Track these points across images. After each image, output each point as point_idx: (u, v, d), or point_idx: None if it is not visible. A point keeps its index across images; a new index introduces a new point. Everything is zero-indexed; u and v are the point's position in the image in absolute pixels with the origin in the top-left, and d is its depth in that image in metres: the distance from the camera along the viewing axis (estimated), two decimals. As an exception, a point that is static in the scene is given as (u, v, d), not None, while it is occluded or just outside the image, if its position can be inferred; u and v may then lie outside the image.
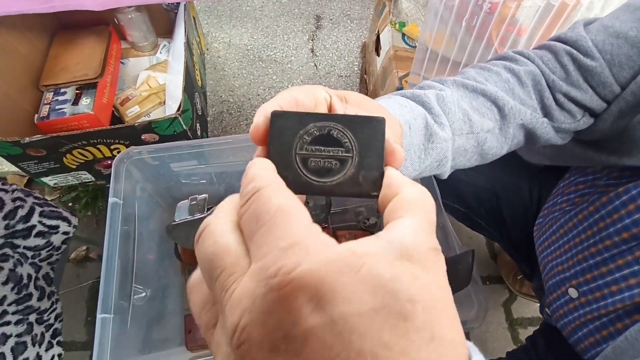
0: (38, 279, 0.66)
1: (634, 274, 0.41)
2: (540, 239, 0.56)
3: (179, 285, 0.84)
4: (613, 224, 0.43)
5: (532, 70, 0.43)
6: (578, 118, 0.44)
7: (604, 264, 0.44)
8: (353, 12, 1.52)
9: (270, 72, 1.37)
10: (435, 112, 0.37)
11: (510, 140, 0.43)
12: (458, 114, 0.39)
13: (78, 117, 0.93)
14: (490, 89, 0.41)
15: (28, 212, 0.66)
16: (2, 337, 0.59)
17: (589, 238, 0.46)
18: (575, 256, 0.48)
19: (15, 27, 0.94)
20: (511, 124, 0.42)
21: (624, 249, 0.42)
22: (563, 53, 0.43)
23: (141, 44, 1.15)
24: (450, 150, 0.39)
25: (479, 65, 0.45)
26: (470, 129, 0.39)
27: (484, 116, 0.40)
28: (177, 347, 0.76)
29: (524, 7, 0.69)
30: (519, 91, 0.42)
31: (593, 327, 0.45)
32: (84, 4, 0.76)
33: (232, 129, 1.27)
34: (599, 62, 0.41)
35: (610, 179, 0.47)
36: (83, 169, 0.99)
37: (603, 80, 0.41)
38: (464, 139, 0.39)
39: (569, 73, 0.42)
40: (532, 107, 0.43)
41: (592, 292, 0.45)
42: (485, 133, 0.40)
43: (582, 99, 0.42)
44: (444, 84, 0.41)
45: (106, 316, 0.57)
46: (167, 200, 0.84)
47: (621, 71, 0.40)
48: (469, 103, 0.40)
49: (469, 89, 0.41)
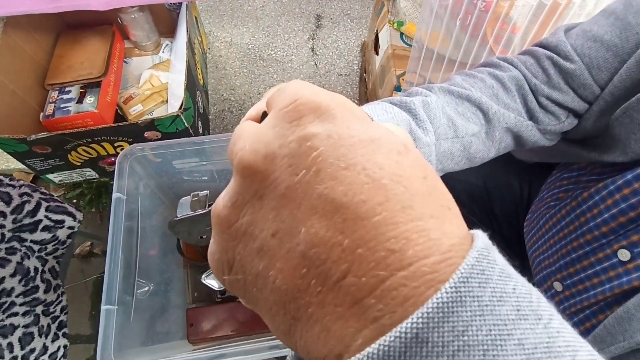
0: (44, 272, 0.68)
1: (613, 266, 0.42)
2: (529, 235, 0.58)
3: (181, 280, 0.86)
4: (593, 218, 0.44)
5: (515, 76, 0.45)
6: (562, 119, 0.46)
7: (585, 258, 0.45)
8: (353, 11, 1.53)
9: (271, 71, 1.39)
10: (420, 118, 0.39)
11: (497, 143, 0.45)
12: (443, 119, 0.41)
13: (82, 115, 0.95)
14: (475, 94, 0.43)
15: (35, 207, 0.68)
16: (10, 327, 0.61)
17: (571, 233, 0.47)
18: (559, 250, 0.49)
19: (21, 27, 0.96)
20: (497, 128, 0.44)
21: (603, 243, 0.43)
22: (544, 58, 0.45)
23: (144, 43, 1.17)
24: (433, 154, 0.40)
25: (465, 72, 0.47)
26: (455, 133, 0.41)
27: (469, 120, 0.42)
28: (179, 339, 0.78)
29: (517, 5, 0.71)
30: (503, 96, 0.44)
31: (577, 319, 0.46)
32: (89, 4, 0.78)
33: (233, 127, 1.28)
34: (578, 65, 0.43)
35: (592, 175, 0.49)
36: (87, 166, 1.01)
37: (583, 82, 0.43)
38: (450, 143, 0.41)
39: (550, 77, 0.44)
40: (516, 110, 0.45)
41: (575, 285, 0.46)
42: (471, 137, 0.42)
43: (564, 100, 0.44)
44: (431, 90, 0.43)
45: (110, 307, 0.59)
46: (170, 196, 0.86)
47: (600, 73, 0.42)
48: (455, 108, 0.42)
49: (455, 95, 0.43)
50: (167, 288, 0.81)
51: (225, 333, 0.77)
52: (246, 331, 0.77)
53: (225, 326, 0.78)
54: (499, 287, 0.12)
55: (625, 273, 0.41)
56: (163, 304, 0.78)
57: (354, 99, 1.35)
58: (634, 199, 0.40)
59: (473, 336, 0.11)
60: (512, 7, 0.70)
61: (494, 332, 0.11)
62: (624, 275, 0.41)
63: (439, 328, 0.11)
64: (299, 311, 0.14)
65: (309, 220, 0.14)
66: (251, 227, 0.15)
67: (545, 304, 0.12)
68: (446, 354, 0.11)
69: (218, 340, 0.78)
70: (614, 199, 0.42)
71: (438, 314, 0.11)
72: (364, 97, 1.30)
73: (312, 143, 0.14)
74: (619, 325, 0.38)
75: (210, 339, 0.77)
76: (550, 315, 0.12)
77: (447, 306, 0.11)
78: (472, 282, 0.12)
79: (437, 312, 0.11)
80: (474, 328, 0.11)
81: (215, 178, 0.85)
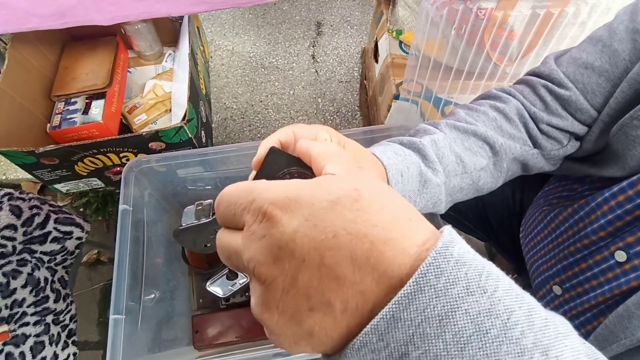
0: (54, 282, 0.70)
1: (611, 267, 0.43)
2: (525, 240, 0.59)
3: (186, 287, 0.87)
4: (591, 223, 0.45)
5: (515, 106, 0.47)
6: (565, 144, 0.48)
7: (583, 261, 0.47)
8: (353, 17, 1.55)
9: (272, 78, 1.41)
10: (430, 159, 0.41)
11: (504, 173, 0.47)
12: (451, 157, 0.43)
13: (88, 125, 0.97)
14: (480, 129, 0.45)
15: (44, 219, 0.70)
16: (22, 337, 0.63)
17: (569, 238, 0.49)
18: (557, 255, 0.51)
19: (29, 41, 0.98)
20: (504, 159, 0.46)
21: (601, 245, 0.45)
22: (539, 86, 0.47)
23: (147, 53, 1.19)
24: (443, 193, 0.43)
25: (467, 106, 0.49)
26: (464, 169, 0.44)
27: (477, 155, 0.44)
28: (185, 346, 0.79)
29: (512, 15, 0.72)
30: (507, 127, 0.46)
31: (578, 322, 0.47)
32: (94, 20, 0.80)
33: (235, 134, 1.30)
34: (572, 91, 0.45)
35: (589, 183, 0.50)
36: (94, 176, 1.03)
37: (579, 107, 0.45)
38: (459, 179, 0.44)
39: (547, 104, 0.46)
40: (521, 140, 0.47)
41: (575, 288, 0.48)
42: (479, 171, 0.45)
43: (563, 125, 0.46)
44: (437, 127, 0.45)
45: (118, 317, 0.61)
46: (174, 205, 0.88)
47: (594, 97, 0.44)
48: (462, 144, 0.44)
49: (461, 130, 0.45)
50: (172, 295, 0.82)
51: (230, 339, 0.79)
52: (251, 337, 0.79)
53: (230, 332, 0.79)
54: (452, 275, 0.17)
55: (623, 274, 0.42)
56: (169, 311, 0.80)
57: (355, 106, 1.37)
58: (628, 205, 0.41)
59: (430, 312, 0.16)
60: (509, 18, 0.72)
61: (447, 307, 0.16)
62: (622, 276, 0.42)
63: (407, 309, 0.17)
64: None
65: (328, 286, 0.18)
66: (287, 310, 0.19)
67: (492, 279, 0.17)
68: (414, 325, 0.16)
69: (223, 347, 0.79)
70: (610, 205, 0.43)
71: (405, 300, 0.17)
72: (364, 103, 1.31)
73: (296, 241, 0.18)
74: (620, 324, 0.39)
75: (216, 345, 0.79)
76: (495, 288, 0.17)
77: (411, 294, 0.17)
78: (429, 275, 0.17)
79: (404, 299, 0.17)
80: (431, 306, 0.16)
81: (219, 187, 0.87)
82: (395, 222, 0.18)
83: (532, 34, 0.75)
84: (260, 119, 1.33)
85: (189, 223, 0.74)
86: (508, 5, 0.72)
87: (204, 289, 0.80)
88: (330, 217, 0.18)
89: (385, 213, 0.19)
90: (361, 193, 0.19)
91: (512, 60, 0.83)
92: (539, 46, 0.79)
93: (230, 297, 0.82)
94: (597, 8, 0.71)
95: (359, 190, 0.19)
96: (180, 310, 0.83)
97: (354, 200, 0.19)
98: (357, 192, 0.19)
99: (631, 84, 0.41)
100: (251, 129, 1.31)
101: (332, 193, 0.19)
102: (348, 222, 0.18)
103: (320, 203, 0.19)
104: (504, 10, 0.71)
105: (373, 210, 0.19)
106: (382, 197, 0.19)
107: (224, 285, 0.79)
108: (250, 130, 1.31)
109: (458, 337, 0.16)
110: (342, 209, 0.18)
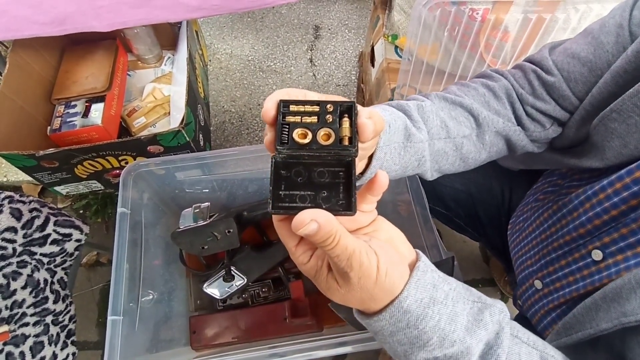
0: (53, 283, 0.71)
1: (587, 265, 0.45)
2: (512, 237, 0.61)
3: (184, 288, 0.89)
4: (572, 221, 0.47)
5: (505, 85, 0.50)
6: (547, 127, 0.51)
7: (563, 257, 0.49)
8: (351, 21, 1.56)
9: (270, 82, 1.42)
10: (414, 119, 0.45)
11: (488, 146, 0.50)
12: (436, 120, 0.46)
13: (88, 129, 0.98)
14: (467, 101, 0.48)
15: (44, 222, 0.71)
16: (22, 337, 0.64)
17: (552, 234, 0.51)
18: (540, 251, 0.53)
19: (29, 46, 0.99)
20: (487, 132, 0.49)
21: (580, 243, 0.47)
22: (530, 71, 0.50)
23: (146, 57, 1.20)
24: (427, 150, 0.45)
25: (460, 82, 0.52)
26: (447, 134, 0.46)
27: (461, 124, 0.47)
28: (183, 346, 0.81)
29: (505, 19, 0.74)
30: (494, 103, 0.49)
31: (555, 314, 0.50)
32: (92, 26, 0.81)
33: (234, 137, 1.31)
34: (557, 78, 0.47)
35: (573, 181, 0.53)
36: (93, 178, 1.04)
37: (562, 94, 0.47)
38: (443, 142, 0.46)
39: (535, 88, 0.49)
40: (506, 116, 0.49)
41: (554, 283, 0.50)
42: (462, 138, 0.47)
43: (546, 109, 0.49)
44: (427, 97, 0.49)
45: (116, 318, 0.62)
46: (172, 208, 0.89)
47: (577, 86, 0.47)
48: (448, 113, 0.47)
49: (449, 101, 0.48)
50: (170, 297, 0.83)
51: (227, 340, 0.80)
52: (247, 338, 0.80)
53: (227, 333, 0.81)
54: (419, 294, 0.30)
55: (597, 272, 0.44)
56: (167, 312, 0.81)
57: (352, 108, 1.37)
58: (607, 203, 0.43)
59: (410, 305, 0.30)
60: (502, 22, 0.73)
61: (422, 306, 0.31)
62: (596, 273, 0.44)
63: (385, 318, 0.31)
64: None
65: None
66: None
67: (442, 290, 0.32)
68: (389, 326, 0.31)
69: (220, 347, 0.80)
70: (591, 202, 0.45)
71: (385, 314, 0.31)
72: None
73: None
74: (587, 314, 0.41)
75: (213, 345, 0.80)
76: (445, 296, 0.31)
77: (383, 317, 0.31)
78: (389, 312, 0.31)
79: (385, 314, 0.31)
80: (389, 324, 0.31)
81: (216, 190, 0.88)
82: (380, 297, 0.31)
83: (525, 38, 0.76)
84: (258, 122, 1.34)
85: (186, 225, 0.76)
86: (502, 9, 0.73)
87: (201, 290, 0.81)
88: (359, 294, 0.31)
89: (378, 296, 0.31)
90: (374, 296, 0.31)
91: (505, 63, 0.84)
92: (532, 50, 0.81)
93: (227, 299, 0.84)
94: (587, 15, 0.72)
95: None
96: (177, 311, 0.84)
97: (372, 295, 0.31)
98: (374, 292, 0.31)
99: (613, 76, 0.43)
100: (249, 132, 1.33)
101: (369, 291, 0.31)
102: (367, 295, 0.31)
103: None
104: (497, 14, 0.73)
105: (378, 296, 0.31)
106: (377, 292, 0.31)
107: (220, 287, 0.80)
108: (248, 134, 1.32)
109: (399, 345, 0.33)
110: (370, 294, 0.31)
